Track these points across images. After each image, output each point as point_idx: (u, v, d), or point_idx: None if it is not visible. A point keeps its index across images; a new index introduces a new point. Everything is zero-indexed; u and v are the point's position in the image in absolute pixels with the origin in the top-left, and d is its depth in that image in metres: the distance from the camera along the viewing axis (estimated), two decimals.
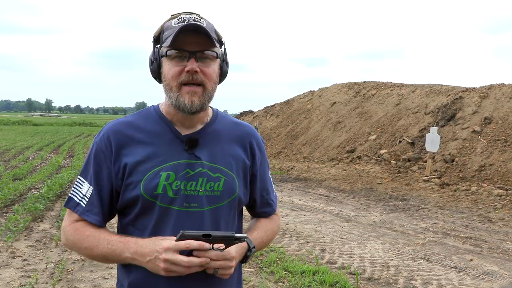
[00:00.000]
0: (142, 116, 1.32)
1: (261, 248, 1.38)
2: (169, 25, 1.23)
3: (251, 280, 4.44)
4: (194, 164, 1.26)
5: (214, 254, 1.14)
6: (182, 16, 1.23)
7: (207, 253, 1.13)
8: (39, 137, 27.12)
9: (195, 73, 1.19)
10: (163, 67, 1.24)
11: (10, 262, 4.72)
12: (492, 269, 4.96)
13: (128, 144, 1.25)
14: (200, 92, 1.22)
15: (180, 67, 1.20)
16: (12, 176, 10.23)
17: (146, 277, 1.23)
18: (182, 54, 1.20)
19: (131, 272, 1.27)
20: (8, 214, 6.71)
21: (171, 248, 1.11)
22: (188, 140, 1.27)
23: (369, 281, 4.52)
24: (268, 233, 1.42)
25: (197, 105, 1.21)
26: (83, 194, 1.27)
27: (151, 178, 1.23)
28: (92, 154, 1.28)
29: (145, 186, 1.22)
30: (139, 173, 1.23)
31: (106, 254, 1.21)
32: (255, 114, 22.34)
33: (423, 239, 6.19)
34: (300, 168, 13.38)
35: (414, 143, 12.27)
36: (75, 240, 1.26)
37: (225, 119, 1.39)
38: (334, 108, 17.42)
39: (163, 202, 1.23)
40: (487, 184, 9.31)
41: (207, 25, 1.22)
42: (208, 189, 1.27)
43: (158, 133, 1.28)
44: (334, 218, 7.48)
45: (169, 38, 1.19)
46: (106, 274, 4.44)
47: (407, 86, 16.18)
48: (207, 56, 1.22)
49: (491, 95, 12.36)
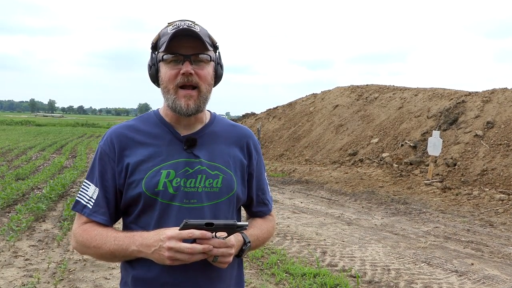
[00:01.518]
0: (143, 119, 1.40)
1: (256, 246, 1.41)
2: (165, 32, 1.30)
3: (252, 282, 4.45)
4: (193, 162, 1.32)
5: (216, 242, 1.18)
6: (177, 23, 1.30)
7: (210, 241, 1.17)
8: (42, 138, 27.20)
9: (190, 75, 1.26)
10: (161, 71, 1.31)
11: (13, 261, 4.74)
12: (493, 274, 4.95)
13: (130, 145, 1.32)
14: (196, 96, 1.29)
15: (176, 70, 1.27)
16: (15, 176, 10.27)
17: (149, 270, 1.28)
18: (178, 58, 1.27)
19: (134, 267, 1.31)
20: (11, 214, 6.73)
21: (174, 237, 1.15)
22: (187, 140, 1.34)
23: (369, 284, 4.52)
24: (264, 232, 1.45)
25: (192, 108, 1.29)
26: (90, 196, 1.32)
27: (152, 176, 1.29)
28: (97, 157, 1.34)
29: (146, 184, 1.28)
30: (140, 172, 1.29)
31: (113, 250, 1.25)
32: (257, 117, 22.37)
33: (424, 242, 6.19)
34: (302, 171, 13.39)
35: (416, 146, 12.27)
36: (83, 240, 1.30)
37: (222, 121, 1.46)
38: (337, 111, 17.43)
39: (164, 199, 1.29)
40: (489, 189, 9.29)
41: (200, 31, 1.28)
42: (207, 186, 1.32)
43: (158, 135, 1.35)
44: (335, 221, 7.49)
45: (165, 43, 1.26)
46: (108, 275, 4.45)
47: (410, 90, 16.18)
48: (201, 59, 1.29)
49: (493, 100, 12.35)
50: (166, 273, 1.27)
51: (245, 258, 5.17)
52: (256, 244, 1.40)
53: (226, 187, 1.35)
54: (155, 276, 1.28)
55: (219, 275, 1.33)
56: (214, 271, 1.31)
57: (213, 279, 1.32)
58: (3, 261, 4.72)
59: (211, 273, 1.31)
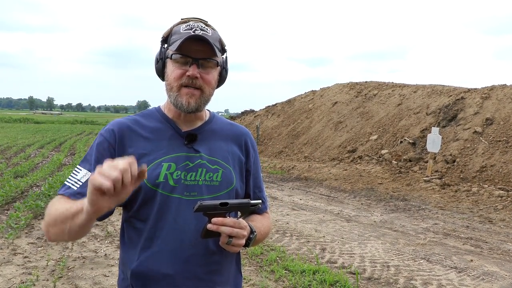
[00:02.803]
0: (145, 115, 1.42)
1: (258, 239, 1.40)
2: (177, 30, 1.32)
3: (252, 279, 4.45)
4: (193, 156, 1.35)
5: (231, 221, 1.19)
6: (191, 23, 1.32)
7: (225, 220, 1.19)
8: (40, 135, 27.15)
9: (195, 78, 1.29)
10: (167, 67, 1.34)
11: (11, 259, 4.74)
12: (493, 270, 4.96)
13: (132, 137, 1.34)
14: (198, 95, 1.32)
15: (182, 70, 1.30)
16: (14, 174, 10.25)
17: (149, 264, 1.29)
18: (186, 59, 1.30)
19: (134, 261, 1.31)
20: (10, 211, 6.72)
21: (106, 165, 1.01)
22: (188, 136, 1.36)
23: (369, 281, 4.52)
24: (264, 227, 1.46)
25: (193, 106, 1.31)
26: (78, 179, 1.28)
27: (153, 169, 1.30)
28: (95, 143, 1.34)
29: (148, 176, 1.26)
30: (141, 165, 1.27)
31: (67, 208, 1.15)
32: (256, 114, 22.34)
33: (424, 239, 6.19)
34: (301, 168, 13.38)
35: (415, 143, 12.27)
36: (49, 208, 1.22)
37: (221, 120, 1.50)
38: (336, 108, 17.42)
39: (165, 190, 1.30)
40: (488, 185, 9.30)
41: (212, 35, 1.32)
42: (207, 179, 1.34)
43: (160, 130, 1.37)
44: (334, 217, 7.49)
45: (176, 43, 1.28)
46: (107, 272, 4.45)
47: (409, 87, 16.17)
48: (208, 64, 1.32)
49: (492, 96, 12.35)
50: (166, 267, 1.28)
51: (244, 255, 5.17)
52: (258, 237, 1.39)
53: (226, 181, 1.37)
54: (155, 270, 1.28)
55: (218, 269, 1.35)
56: (213, 264, 1.33)
57: (213, 272, 1.34)
58: (2, 259, 4.71)
59: (211, 266, 1.33)
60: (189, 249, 1.29)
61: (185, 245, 1.29)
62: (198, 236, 1.28)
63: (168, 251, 1.29)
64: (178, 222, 1.29)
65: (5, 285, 4.05)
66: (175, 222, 1.29)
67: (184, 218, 1.29)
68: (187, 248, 1.29)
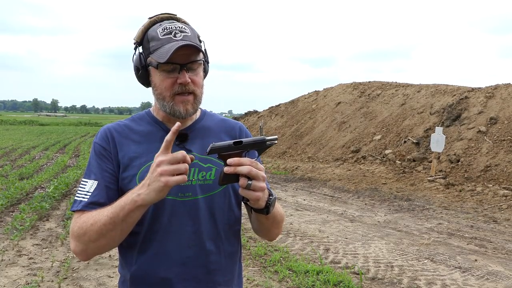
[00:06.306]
0: (135, 119, 1.41)
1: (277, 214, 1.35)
2: (154, 35, 1.28)
3: (255, 279, 4.45)
4: None
5: (247, 161, 1.12)
6: (166, 25, 1.28)
7: (241, 159, 1.13)
8: (45, 137, 27.28)
9: (187, 84, 1.27)
10: (153, 76, 1.31)
11: (16, 260, 4.77)
12: (497, 270, 4.94)
13: (123, 141, 1.33)
14: (192, 100, 1.30)
15: (172, 78, 1.27)
16: (18, 176, 10.31)
17: (146, 267, 1.28)
18: (174, 66, 1.26)
19: (132, 264, 1.30)
20: (15, 213, 6.77)
21: (163, 161, 1.09)
22: (178, 135, 1.33)
23: (373, 281, 4.52)
24: (279, 209, 1.39)
25: (191, 112, 1.31)
26: (87, 191, 1.29)
27: (145, 171, 1.26)
28: (92, 153, 1.34)
29: (140, 179, 1.26)
30: (134, 168, 1.29)
31: (111, 216, 1.16)
32: (260, 114, 22.35)
33: (428, 239, 6.18)
34: (305, 168, 13.38)
35: (419, 143, 12.23)
36: (79, 228, 1.22)
37: (213, 117, 1.48)
38: (339, 108, 17.40)
39: None
40: (493, 185, 9.26)
41: (191, 33, 1.29)
42: (201, 179, 1.32)
43: (151, 132, 1.36)
44: (338, 218, 7.48)
45: (160, 52, 1.24)
46: (111, 273, 4.47)
47: (412, 86, 16.12)
48: (195, 65, 1.30)
49: (497, 95, 12.29)
50: (164, 270, 1.27)
51: (248, 256, 5.18)
52: (276, 212, 1.34)
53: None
54: (153, 274, 1.27)
55: (218, 268, 1.33)
56: (212, 264, 1.31)
57: (212, 272, 1.32)
58: (7, 260, 4.74)
59: (210, 266, 1.31)
60: (185, 251, 1.28)
61: (182, 246, 1.28)
62: (195, 237, 1.27)
63: (165, 254, 1.27)
64: (173, 224, 1.28)
65: (10, 286, 4.08)
66: (170, 224, 1.27)
67: (179, 219, 1.28)
68: (184, 250, 1.28)
